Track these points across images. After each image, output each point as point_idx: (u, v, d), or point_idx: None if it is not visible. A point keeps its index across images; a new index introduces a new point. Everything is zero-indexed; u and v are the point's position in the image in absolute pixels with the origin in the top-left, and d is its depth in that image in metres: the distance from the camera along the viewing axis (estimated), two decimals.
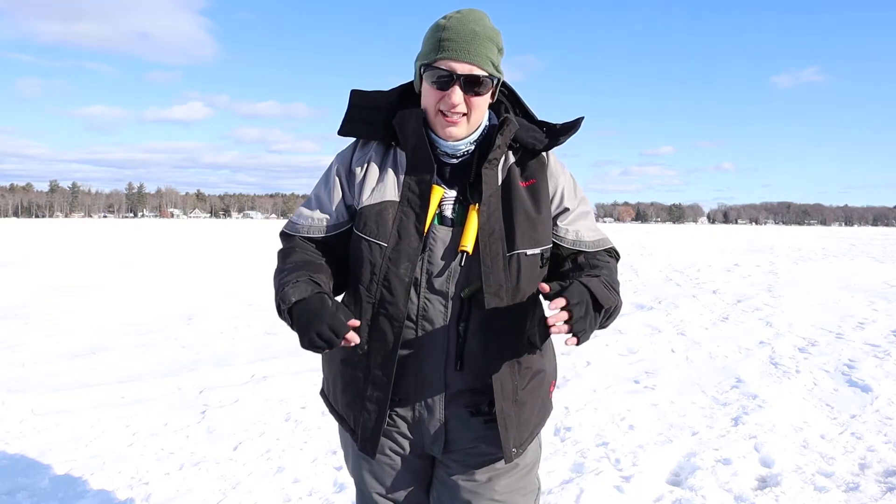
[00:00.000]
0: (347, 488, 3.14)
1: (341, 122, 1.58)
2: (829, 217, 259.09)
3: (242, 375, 5.22)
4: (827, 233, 64.31)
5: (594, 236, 1.61)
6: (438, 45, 1.44)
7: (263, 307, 8.89)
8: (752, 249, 25.91)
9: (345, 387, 1.57)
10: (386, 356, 1.48)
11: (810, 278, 13.64)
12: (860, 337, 7.08)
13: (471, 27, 1.44)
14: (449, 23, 1.45)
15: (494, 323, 1.47)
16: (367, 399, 1.52)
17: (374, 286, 1.48)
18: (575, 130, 1.57)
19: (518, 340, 1.50)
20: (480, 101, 1.47)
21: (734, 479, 3.29)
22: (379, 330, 1.48)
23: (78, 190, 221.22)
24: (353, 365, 1.54)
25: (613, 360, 5.91)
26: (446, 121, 1.46)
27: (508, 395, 1.51)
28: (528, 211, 1.51)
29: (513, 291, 1.48)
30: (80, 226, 69.01)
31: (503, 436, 1.50)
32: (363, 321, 1.49)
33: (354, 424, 1.56)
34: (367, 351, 1.50)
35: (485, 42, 1.44)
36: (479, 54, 1.43)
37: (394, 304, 1.47)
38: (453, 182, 1.53)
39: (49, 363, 5.56)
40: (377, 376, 1.50)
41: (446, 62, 1.43)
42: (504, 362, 1.49)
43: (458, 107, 1.44)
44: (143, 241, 31.52)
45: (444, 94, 1.44)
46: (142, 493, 3.10)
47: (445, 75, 1.43)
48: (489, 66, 1.45)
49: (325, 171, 1.63)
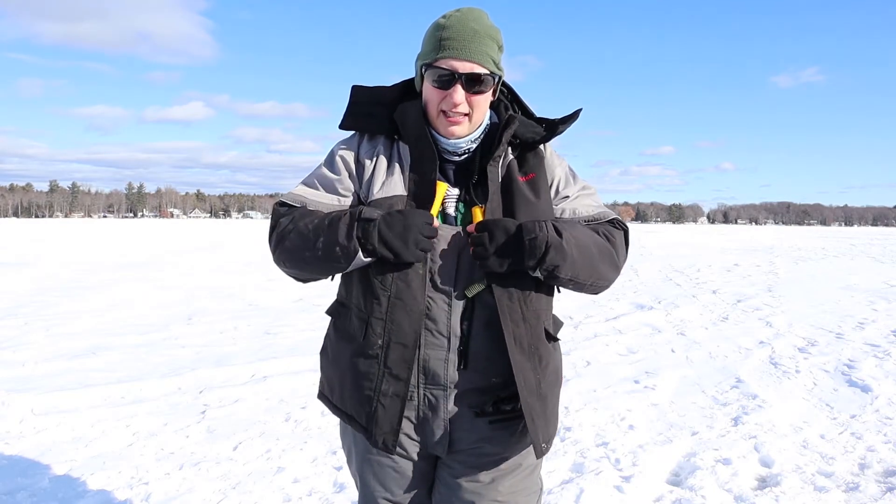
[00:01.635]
0: (347, 488, 3.14)
1: (343, 116, 1.58)
2: (829, 217, 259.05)
3: (242, 375, 5.22)
4: (827, 233, 64.31)
5: (593, 211, 1.59)
6: (439, 44, 1.43)
7: (263, 307, 8.89)
8: (752, 249, 25.90)
9: (356, 384, 1.52)
10: (404, 351, 1.46)
11: (810, 278, 13.64)
12: (860, 337, 7.08)
13: (471, 25, 1.43)
14: (449, 21, 1.44)
15: (509, 318, 1.46)
16: (383, 394, 1.48)
17: (388, 279, 1.45)
18: (573, 121, 1.57)
19: (534, 333, 1.49)
20: (482, 99, 1.47)
21: (734, 479, 3.29)
22: (396, 324, 1.46)
23: (78, 190, 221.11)
24: (367, 361, 1.50)
25: (613, 360, 5.90)
26: (448, 120, 1.46)
27: (532, 389, 1.50)
28: (530, 204, 1.50)
29: (521, 287, 1.47)
30: (79, 226, 68.98)
31: (532, 430, 1.48)
32: (377, 314, 1.46)
33: (368, 422, 1.51)
34: (381, 345, 1.47)
35: (485, 40, 1.44)
36: (479, 52, 1.43)
37: (411, 297, 1.45)
38: (456, 180, 1.53)
39: (49, 363, 5.56)
40: (395, 372, 1.47)
41: (447, 61, 1.42)
42: (524, 356, 1.48)
43: (460, 106, 1.44)
44: (143, 241, 31.50)
45: (446, 93, 1.44)
46: (142, 493, 3.10)
47: (447, 74, 1.43)
48: (490, 63, 1.45)
49: (327, 156, 1.60)
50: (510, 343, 1.46)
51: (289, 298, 9.70)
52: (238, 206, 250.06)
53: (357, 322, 1.52)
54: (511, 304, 1.46)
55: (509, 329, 1.46)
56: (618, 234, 1.59)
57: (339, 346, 1.58)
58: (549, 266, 1.40)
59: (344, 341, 1.57)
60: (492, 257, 1.39)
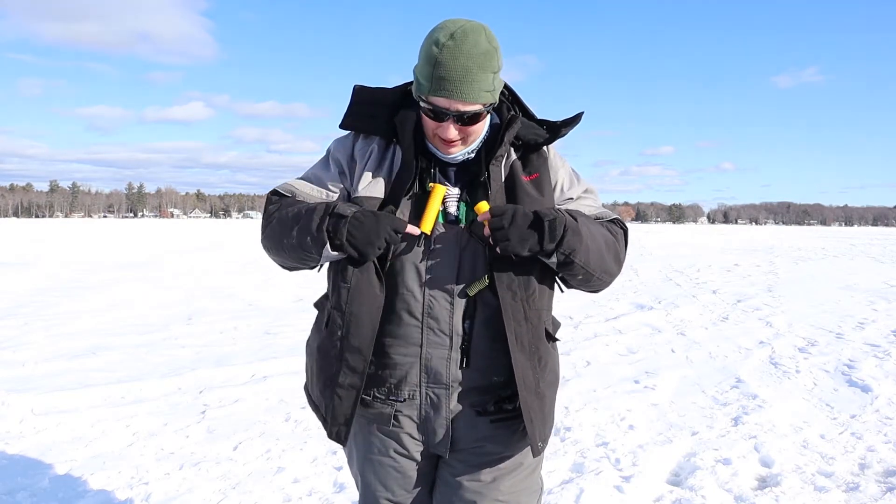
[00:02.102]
0: (347, 488, 3.14)
1: (343, 115, 1.58)
2: (829, 217, 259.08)
3: (242, 375, 5.22)
4: (827, 233, 64.33)
5: (595, 211, 1.61)
6: (431, 81, 1.40)
7: (263, 307, 8.89)
8: (752, 249, 25.91)
9: (319, 374, 1.57)
10: (361, 344, 1.47)
11: (810, 278, 13.65)
12: (860, 337, 7.08)
13: (463, 63, 1.37)
14: (442, 55, 1.38)
15: (511, 317, 1.46)
16: (339, 385, 1.50)
17: (349, 272, 1.46)
18: (575, 123, 1.57)
19: (535, 333, 1.50)
20: (477, 126, 1.48)
21: (734, 479, 3.29)
22: (354, 315, 1.47)
23: (78, 190, 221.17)
24: (327, 353, 1.53)
25: (613, 360, 5.91)
26: (444, 144, 1.48)
27: (531, 388, 1.50)
28: (535, 202, 1.50)
29: (525, 284, 1.48)
30: (80, 226, 69.00)
31: (529, 429, 1.49)
32: (337, 306, 1.49)
33: (326, 412, 1.54)
34: (340, 336, 1.49)
35: (478, 76, 1.39)
36: (472, 92, 1.39)
37: (371, 289, 1.46)
38: (457, 180, 1.53)
39: (49, 363, 5.56)
40: (351, 363, 1.49)
41: (439, 100, 1.41)
42: (524, 355, 1.49)
43: (453, 138, 1.45)
44: (143, 241, 31.51)
45: (439, 125, 1.44)
46: (142, 493, 3.10)
47: (440, 112, 1.42)
48: (485, 97, 1.42)
49: (323, 156, 1.63)
50: (511, 341, 1.46)
51: (288, 298, 9.70)
52: (238, 206, 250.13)
53: (325, 314, 1.56)
54: (514, 302, 1.47)
55: (511, 327, 1.46)
56: (619, 232, 1.60)
57: (311, 336, 1.64)
58: (567, 249, 1.39)
59: (314, 332, 1.62)
60: (513, 239, 1.37)
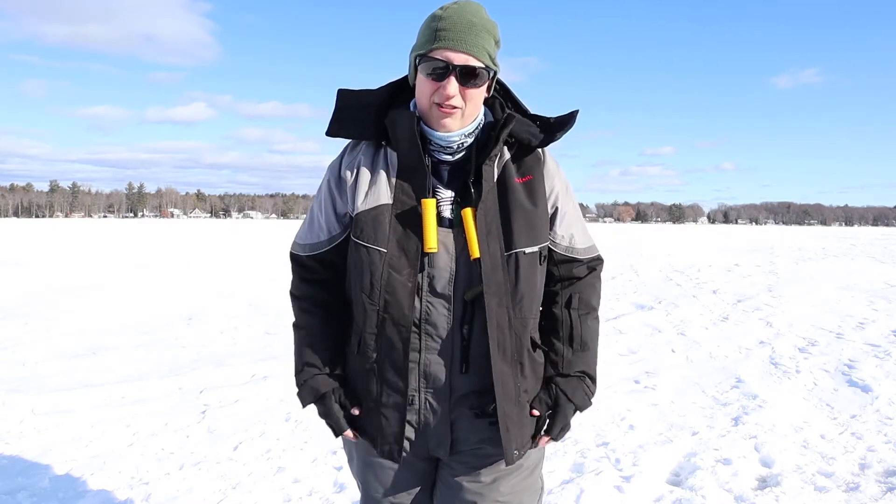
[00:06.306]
0: (347, 488, 3.14)
1: (329, 122, 1.54)
2: (829, 217, 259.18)
3: (242, 375, 5.22)
4: (827, 233, 64.29)
5: (585, 243, 1.64)
6: (434, 35, 1.41)
7: (263, 307, 8.89)
8: (752, 249, 25.89)
9: (361, 396, 1.57)
10: (397, 362, 1.47)
11: (810, 278, 13.63)
12: (860, 337, 7.07)
13: (468, 17, 1.41)
14: (445, 13, 1.43)
15: (495, 324, 1.45)
16: (383, 406, 1.50)
17: (376, 293, 1.46)
18: (570, 125, 1.54)
19: (519, 341, 1.50)
20: (476, 93, 1.45)
21: (734, 479, 3.29)
22: (386, 337, 1.47)
23: (78, 190, 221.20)
24: (364, 375, 1.53)
25: (613, 360, 5.90)
26: (441, 111, 1.43)
27: (511, 397, 1.50)
28: (525, 208, 1.49)
29: (512, 291, 1.47)
30: (80, 226, 68.98)
31: (504, 437, 1.49)
32: (369, 329, 1.48)
33: (375, 432, 1.54)
34: (376, 359, 1.49)
35: (482, 33, 1.42)
36: (475, 45, 1.41)
37: (399, 309, 1.45)
38: (450, 182, 1.51)
39: (49, 363, 5.56)
40: (392, 383, 1.49)
41: (442, 52, 1.40)
42: (506, 364, 1.48)
43: (453, 98, 1.41)
44: (144, 241, 31.50)
45: (439, 84, 1.41)
46: (142, 493, 3.10)
47: (441, 66, 1.40)
48: (486, 57, 1.43)
49: (319, 185, 1.63)
50: (493, 348, 1.45)
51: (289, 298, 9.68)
52: (238, 206, 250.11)
53: (353, 337, 1.56)
54: (499, 309, 1.46)
55: (494, 335, 1.45)
56: (599, 284, 1.69)
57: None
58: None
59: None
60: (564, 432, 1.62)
